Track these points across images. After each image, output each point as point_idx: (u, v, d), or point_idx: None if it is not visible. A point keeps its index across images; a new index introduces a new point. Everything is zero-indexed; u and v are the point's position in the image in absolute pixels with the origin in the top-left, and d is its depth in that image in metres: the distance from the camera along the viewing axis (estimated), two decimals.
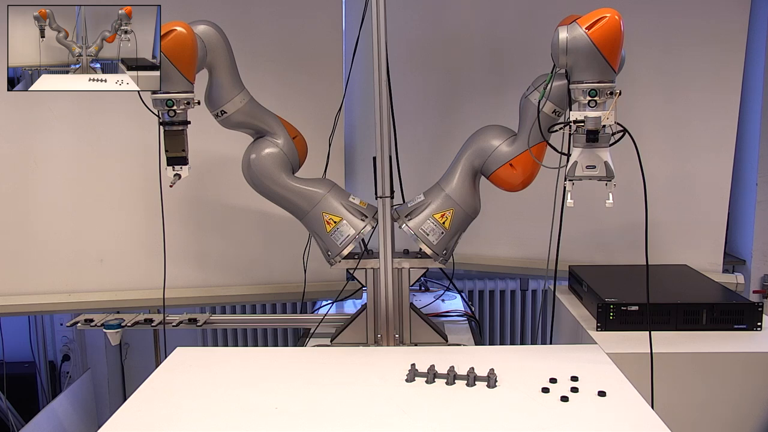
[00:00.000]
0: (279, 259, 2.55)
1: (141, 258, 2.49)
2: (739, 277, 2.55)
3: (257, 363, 1.71)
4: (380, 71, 1.85)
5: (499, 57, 2.56)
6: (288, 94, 2.40)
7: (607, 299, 1.94)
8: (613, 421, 1.35)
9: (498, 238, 2.70)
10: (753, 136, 2.59)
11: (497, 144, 1.90)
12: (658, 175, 2.45)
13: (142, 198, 2.46)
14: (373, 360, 1.72)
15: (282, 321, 2.61)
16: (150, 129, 1.76)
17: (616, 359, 1.65)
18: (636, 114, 2.42)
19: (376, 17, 1.82)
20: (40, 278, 2.47)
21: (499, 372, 1.55)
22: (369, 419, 1.37)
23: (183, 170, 1.76)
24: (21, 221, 2.45)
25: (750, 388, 1.77)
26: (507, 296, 3.19)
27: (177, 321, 2.25)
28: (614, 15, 1.55)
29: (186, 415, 1.41)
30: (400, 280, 1.99)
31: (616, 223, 2.53)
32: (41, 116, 2.40)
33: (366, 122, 2.69)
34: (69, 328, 3.01)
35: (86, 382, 3.03)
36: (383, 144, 1.87)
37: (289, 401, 1.46)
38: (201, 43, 1.76)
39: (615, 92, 1.58)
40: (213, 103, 1.87)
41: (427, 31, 2.61)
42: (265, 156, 1.94)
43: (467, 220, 1.98)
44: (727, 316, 1.92)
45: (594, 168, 1.63)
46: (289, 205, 1.99)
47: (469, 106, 2.60)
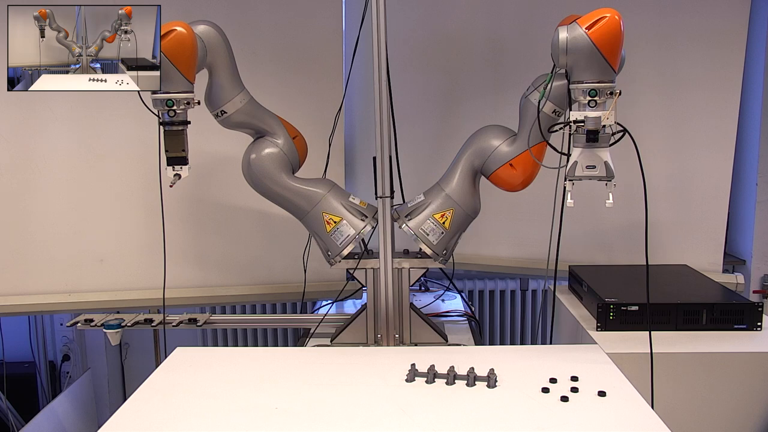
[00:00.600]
0: (279, 259, 2.55)
1: (141, 258, 2.49)
2: (739, 277, 2.55)
3: (257, 363, 1.71)
4: (380, 71, 1.85)
5: (499, 57, 2.56)
6: (288, 94, 2.40)
7: (607, 299, 1.94)
8: (613, 421, 1.35)
9: (498, 238, 2.69)
10: (753, 136, 2.59)
11: (497, 144, 1.90)
12: (658, 175, 2.45)
13: (142, 198, 2.46)
14: (373, 360, 1.72)
15: (282, 321, 2.61)
16: (150, 129, 1.76)
17: (616, 359, 1.65)
18: (636, 114, 2.42)
19: (376, 17, 1.82)
20: (40, 278, 2.47)
21: (499, 372, 1.55)
22: (369, 419, 1.37)
23: (183, 170, 1.76)
24: (21, 221, 2.45)
25: (750, 388, 1.77)
26: (507, 296, 3.18)
27: (177, 321, 2.25)
28: (614, 15, 1.55)
29: (186, 415, 1.41)
30: (400, 280, 1.99)
31: (616, 223, 2.53)
32: (41, 116, 2.40)
33: (366, 122, 2.69)
34: (69, 328, 3.01)
35: (86, 382, 3.03)
36: (383, 144, 1.87)
37: (289, 401, 1.46)
38: (201, 43, 1.76)
39: (615, 92, 1.58)
40: (213, 103, 1.87)
41: (427, 31, 2.61)
42: (265, 156, 1.94)
43: (467, 220, 1.98)
44: (727, 316, 1.93)
45: (594, 168, 1.63)
46: (289, 205, 1.99)
47: (469, 106, 2.60)
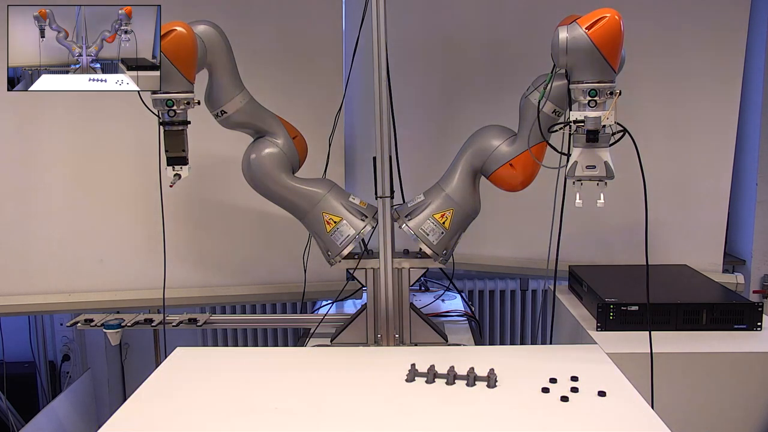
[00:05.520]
0: (279, 259, 2.55)
1: (141, 258, 2.49)
2: (739, 277, 2.55)
3: (257, 363, 1.71)
4: (380, 71, 1.85)
5: (499, 57, 2.55)
6: (288, 94, 2.39)
7: (607, 299, 1.94)
8: (613, 421, 1.35)
9: (498, 238, 2.69)
10: (753, 136, 2.59)
11: (497, 144, 1.90)
12: (658, 175, 2.44)
13: (142, 198, 2.46)
14: (373, 360, 1.72)
15: (282, 321, 2.61)
16: (150, 129, 1.76)
17: (616, 359, 1.65)
18: (636, 114, 2.41)
19: (376, 17, 1.82)
20: (40, 278, 2.47)
21: (499, 372, 1.55)
22: (369, 419, 1.38)
23: (183, 170, 1.76)
24: (21, 221, 2.45)
25: (750, 388, 1.77)
26: (507, 296, 3.18)
27: (177, 321, 2.25)
28: (614, 15, 1.55)
29: (186, 415, 1.41)
30: (400, 280, 1.98)
31: (616, 223, 2.53)
32: (41, 116, 2.40)
33: (366, 122, 2.68)
34: (69, 328, 3.01)
35: (86, 382, 3.03)
36: (383, 144, 1.87)
37: (289, 401, 1.46)
38: (201, 43, 1.76)
39: (615, 92, 1.58)
40: (213, 103, 1.87)
41: (427, 31, 2.61)
42: (265, 156, 1.94)
43: (467, 220, 1.98)
44: (727, 316, 1.93)
45: (594, 168, 1.63)
46: (289, 205, 1.99)
47: (469, 106, 2.60)
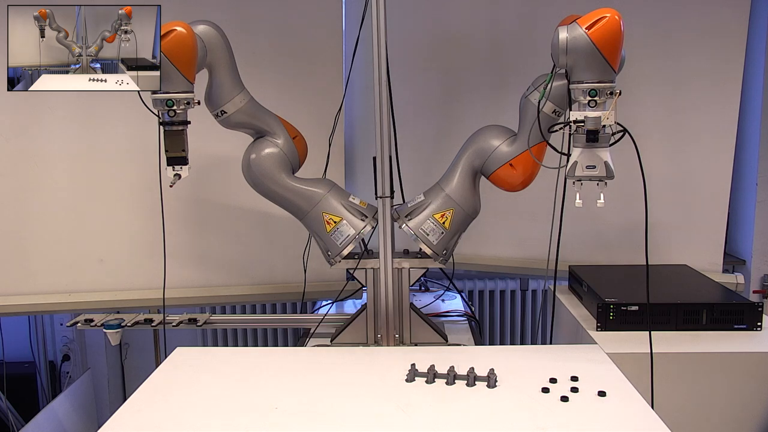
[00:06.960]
0: (279, 259, 2.55)
1: (141, 258, 2.49)
2: (739, 277, 2.55)
3: (257, 363, 1.71)
4: (380, 71, 1.85)
5: (499, 57, 2.56)
6: (288, 94, 2.40)
7: (607, 299, 1.94)
8: (613, 421, 1.35)
9: (498, 238, 2.69)
10: (753, 136, 2.59)
11: (497, 144, 1.90)
12: (658, 175, 2.45)
13: (142, 198, 2.46)
14: (373, 360, 1.72)
15: (282, 321, 2.61)
16: (150, 129, 1.76)
17: (616, 359, 1.65)
18: (636, 114, 2.42)
19: (376, 17, 1.82)
20: (40, 278, 2.47)
21: (499, 372, 1.55)
22: (369, 419, 1.37)
23: (183, 170, 1.76)
24: (21, 221, 2.45)
25: (750, 388, 1.77)
26: (507, 296, 3.19)
27: (177, 321, 2.25)
28: (614, 15, 1.55)
29: (186, 415, 1.41)
30: (400, 280, 1.98)
31: (616, 223, 2.53)
32: (41, 116, 2.40)
33: (366, 122, 2.69)
34: (69, 328, 3.01)
35: (86, 382, 3.03)
36: (383, 144, 1.87)
37: (289, 401, 1.46)
38: (201, 43, 1.76)
39: (615, 92, 1.58)
40: (213, 103, 1.87)
41: (427, 31, 2.61)
42: (265, 156, 1.94)
43: (467, 220, 1.98)
44: (727, 316, 1.92)
45: (594, 168, 1.63)
46: (289, 205, 1.99)
47: (469, 106, 2.60)
